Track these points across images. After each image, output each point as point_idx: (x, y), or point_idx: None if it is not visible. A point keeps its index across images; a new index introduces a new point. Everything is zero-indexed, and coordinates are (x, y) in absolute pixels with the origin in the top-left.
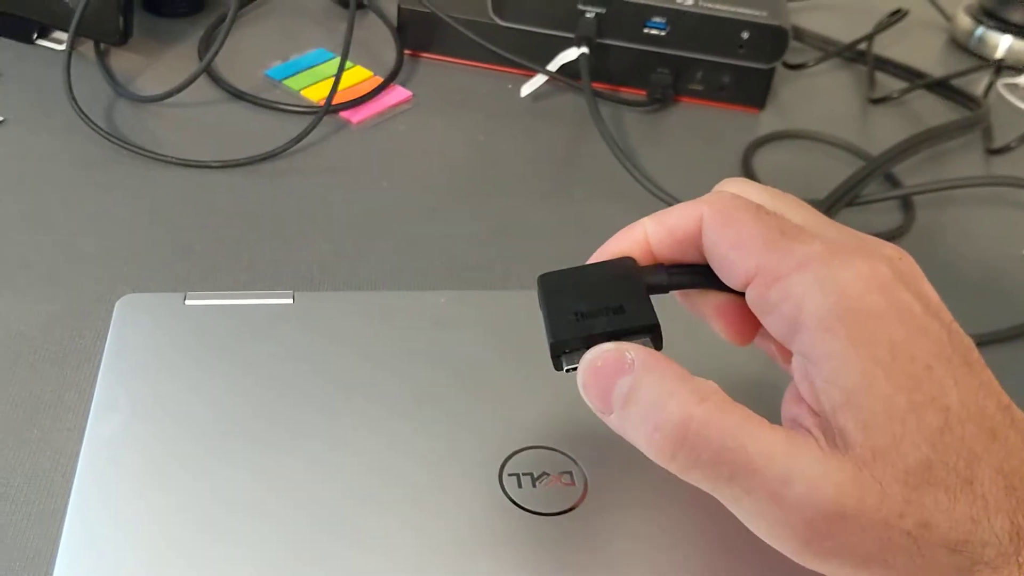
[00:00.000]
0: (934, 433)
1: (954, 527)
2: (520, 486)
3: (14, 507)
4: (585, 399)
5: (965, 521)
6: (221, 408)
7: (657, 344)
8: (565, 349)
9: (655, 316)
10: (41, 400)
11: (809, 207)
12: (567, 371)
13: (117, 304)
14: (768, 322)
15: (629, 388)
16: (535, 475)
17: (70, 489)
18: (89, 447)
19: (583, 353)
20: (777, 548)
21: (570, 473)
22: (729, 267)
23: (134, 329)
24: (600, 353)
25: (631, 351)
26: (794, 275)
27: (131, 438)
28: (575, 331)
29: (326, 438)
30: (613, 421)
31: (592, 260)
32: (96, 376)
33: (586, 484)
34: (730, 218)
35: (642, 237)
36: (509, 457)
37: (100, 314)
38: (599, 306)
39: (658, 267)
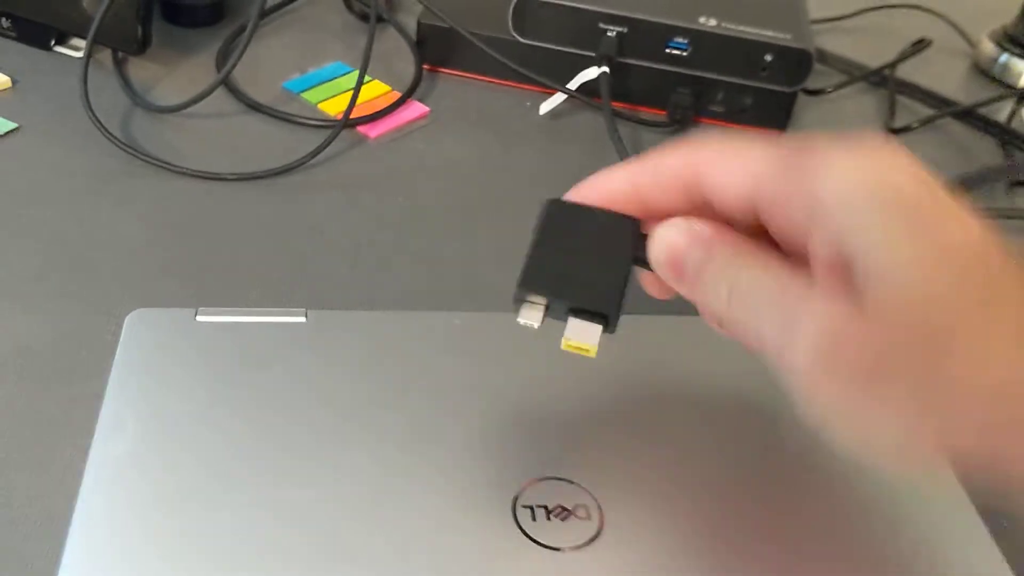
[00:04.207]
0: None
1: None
2: (534, 519)
3: (14, 526)
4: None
5: None
6: (230, 430)
7: (609, 328)
8: (524, 299)
9: (614, 305)
10: (47, 416)
11: None
12: (520, 321)
13: (127, 319)
14: (781, 216)
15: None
16: (549, 508)
17: (72, 510)
18: (93, 467)
19: (538, 311)
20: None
21: (585, 506)
22: (732, 175)
23: (143, 345)
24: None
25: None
26: (813, 165)
27: (136, 459)
28: (542, 288)
29: (336, 464)
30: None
31: (583, 190)
32: (103, 393)
33: (602, 518)
34: (734, 148)
35: (625, 184)
36: (523, 488)
37: (110, 328)
38: (577, 270)
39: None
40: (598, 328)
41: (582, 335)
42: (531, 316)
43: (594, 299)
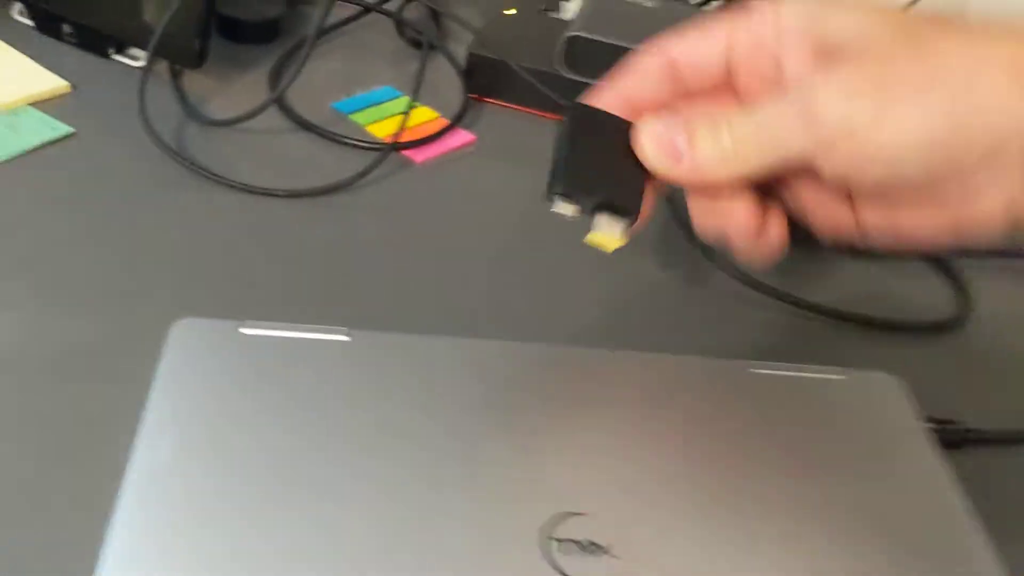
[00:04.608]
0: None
1: None
2: (563, 552)
3: (53, 527)
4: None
5: None
6: (269, 444)
7: (632, 223)
8: (561, 195)
9: (639, 207)
10: (89, 420)
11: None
12: (556, 208)
13: (172, 328)
14: (754, 54)
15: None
16: (579, 542)
17: (111, 514)
18: (134, 472)
19: (571, 204)
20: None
21: (616, 544)
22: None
23: (187, 355)
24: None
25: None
26: (765, 13)
27: (177, 466)
28: (578, 186)
29: (370, 484)
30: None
31: (601, 95)
32: (146, 400)
33: (632, 557)
34: (695, 32)
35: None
36: (553, 521)
37: (154, 336)
38: (604, 173)
39: None
40: (621, 222)
41: (608, 228)
42: (564, 208)
43: (619, 196)
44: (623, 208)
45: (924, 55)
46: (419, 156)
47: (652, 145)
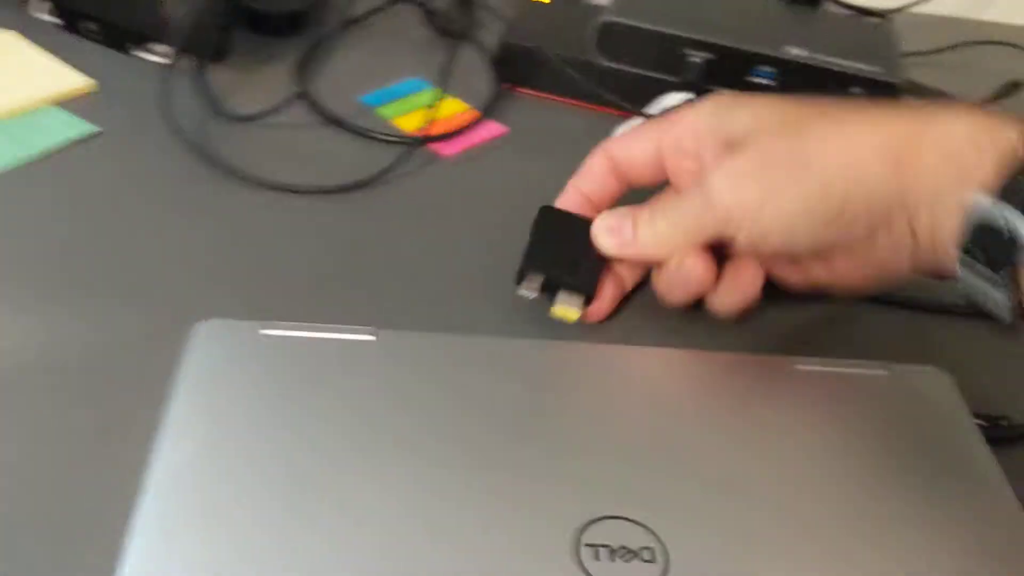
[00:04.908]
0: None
1: None
2: (598, 558)
3: (72, 529)
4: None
5: None
6: (292, 446)
7: (587, 299)
8: (526, 276)
9: (593, 287)
10: (109, 420)
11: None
12: (521, 292)
13: (194, 329)
14: (679, 151)
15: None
16: (614, 548)
17: (132, 515)
18: (154, 473)
19: (537, 284)
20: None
21: (651, 548)
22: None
23: (209, 356)
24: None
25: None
26: (679, 117)
27: (198, 467)
28: (539, 267)
29: (395, 487)
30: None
31: (566, 194)
32: (167, 401)
33: (667, 560)
34: (631, 133)
35: (578, 194)
36: (587, 525)
37: (176, 336)
38: (564, 258)
39: None
40: (580, 299)
41: (567, 303)
42: (530, 289)
43: (575, 277)
44: (577, 285)
45: (804, 139)
46: (448, 149)
47: (605, 233)
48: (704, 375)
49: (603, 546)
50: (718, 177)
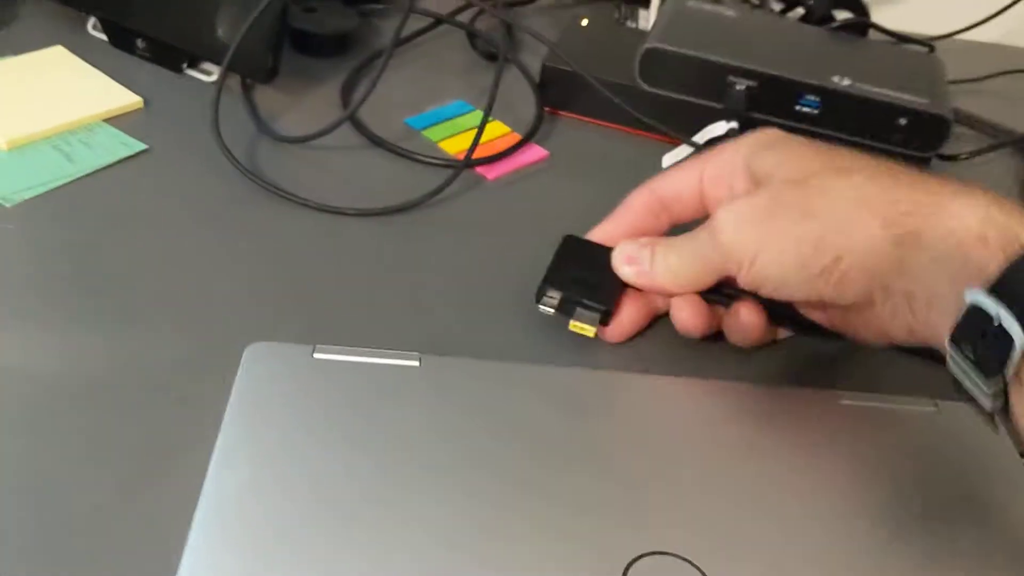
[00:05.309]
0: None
1: None
2: None
3: (129, 551)
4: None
5: None
6: (342, 468)
7: (604, 321)
8: (545, 294)
9: (611, 303)
10: (162, 442)
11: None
12: (540, 308)
13: (246, 351)
14: (716, 184)
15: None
16: None
17: (187, 537)
18: (208, 496)
19: (556, 301)
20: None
21: None
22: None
23: (261, 379)
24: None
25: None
26: (718, 153)
27: (250, 491)
28: (557, 285)
29: (443, 517)
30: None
31: (600, 228)
32: (219, 423)
33: None
34: (674, 170)
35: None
36: (635, 561)
37: (227, 359)
38: (583, 279)
39: None
40: (596, 316)
41: (584, 319)
42: (548, 307)
43: (592, 295)
44: (593, 302)
45: (811, 191)
46: (491, 173)
47: (624, 261)
48: (752, 408)
49: None
50: (723, 214)
